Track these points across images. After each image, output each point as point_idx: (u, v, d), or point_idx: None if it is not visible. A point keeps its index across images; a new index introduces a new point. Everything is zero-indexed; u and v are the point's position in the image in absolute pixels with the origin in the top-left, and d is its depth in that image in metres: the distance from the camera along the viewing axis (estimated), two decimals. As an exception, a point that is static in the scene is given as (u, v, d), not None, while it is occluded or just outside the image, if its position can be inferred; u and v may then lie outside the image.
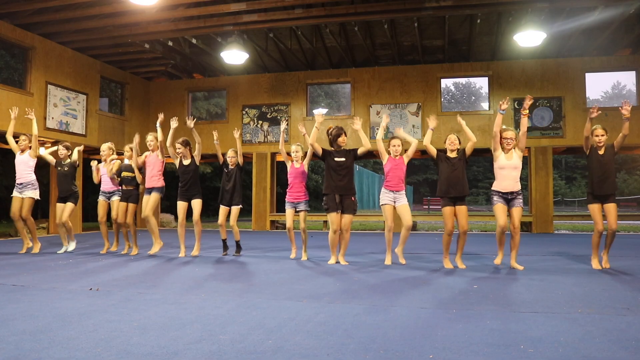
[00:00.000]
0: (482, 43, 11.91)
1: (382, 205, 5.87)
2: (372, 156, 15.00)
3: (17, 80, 13.90)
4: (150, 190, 6.68)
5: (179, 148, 6.69)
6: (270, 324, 3.00)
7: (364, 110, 12.89)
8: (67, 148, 7.26)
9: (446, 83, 52.62)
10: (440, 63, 12.70)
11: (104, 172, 7.17)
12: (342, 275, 5.00)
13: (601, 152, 5.34)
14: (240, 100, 13.69)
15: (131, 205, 6.98)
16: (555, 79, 12.05)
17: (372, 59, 12.67)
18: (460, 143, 5.66)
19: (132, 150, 7.00)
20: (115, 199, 7.06)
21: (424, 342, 2.63)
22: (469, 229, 5.79)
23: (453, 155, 5.59)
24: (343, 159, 5.79)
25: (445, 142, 5.69)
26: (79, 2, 9.11)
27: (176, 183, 7.01)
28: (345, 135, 5.92)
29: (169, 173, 15.96)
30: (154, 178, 6.70)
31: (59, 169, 7.16)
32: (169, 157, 6.95)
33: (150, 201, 6.59)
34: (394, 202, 5.78)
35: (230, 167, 6.75)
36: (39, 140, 11.26)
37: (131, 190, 7.00)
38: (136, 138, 6.98)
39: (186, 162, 6.72)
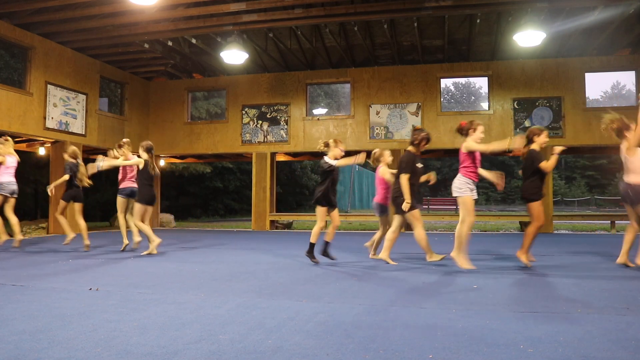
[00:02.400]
0: (481, 43, 11.91)
1: (463, 197, 5.15)
2: (371, 156, 14.99)
3: (17, 80, 13.89)
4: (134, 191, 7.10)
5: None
6: (270, 324, 3.00)
7: (363, 110, 12.89)
8: None
9: (446, 83, 52.72)
10: (440, 63, 12.70)
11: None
12: (341, 276, 5.00)
13: None
14: (240, 100, 13.69)
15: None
16: (555, 79, 12.05)
17: (371, 59, 12.67)
18: None
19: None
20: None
21: (424, 342, 2.63)
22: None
23: None
24: (422, 165, 5.72)
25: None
26: (79, 2, 9.11)
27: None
28: None
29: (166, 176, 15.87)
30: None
31: None
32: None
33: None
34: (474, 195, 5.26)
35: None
36: (38, 140, 11.33)
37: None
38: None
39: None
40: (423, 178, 5.80)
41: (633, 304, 3.55)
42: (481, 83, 50.21)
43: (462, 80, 54.14)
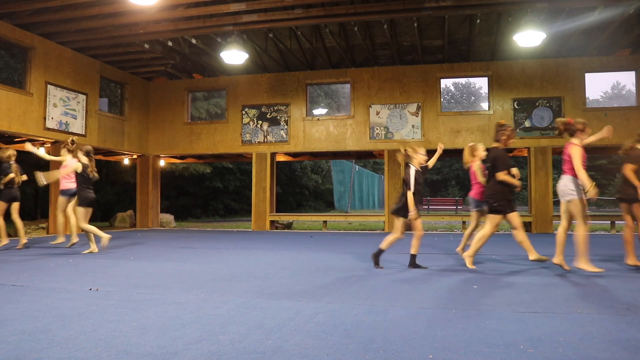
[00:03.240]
0: (481, 43, 11.91)
1: (572, 199, 4.87)
2: (371, 156, 15.00)
3: (17, 80, 13.90)
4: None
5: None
6: (270, 324, 3.00)
7: (363, 111, 12.89)
8: None
9: (446, 83, 52.71)
10: (440, 63, 12.69)
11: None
12: (341, 276, 5.00)
13: None
14: (240, 100, 13.69)
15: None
16: (554, 79, 12.05)
17: (371, 59, 12.67)
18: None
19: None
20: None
21: (424, 342, 2.63)
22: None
23: None
24: None
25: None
26: (79, 2, 9.11)
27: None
28: None
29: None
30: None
31: None
32: None
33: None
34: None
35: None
36: (38, 140, 11.33)
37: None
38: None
39: None
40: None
41: (633, 304, 3.55)
42: (481, 83, 50.28)
43: (462, 80, 54.13)
